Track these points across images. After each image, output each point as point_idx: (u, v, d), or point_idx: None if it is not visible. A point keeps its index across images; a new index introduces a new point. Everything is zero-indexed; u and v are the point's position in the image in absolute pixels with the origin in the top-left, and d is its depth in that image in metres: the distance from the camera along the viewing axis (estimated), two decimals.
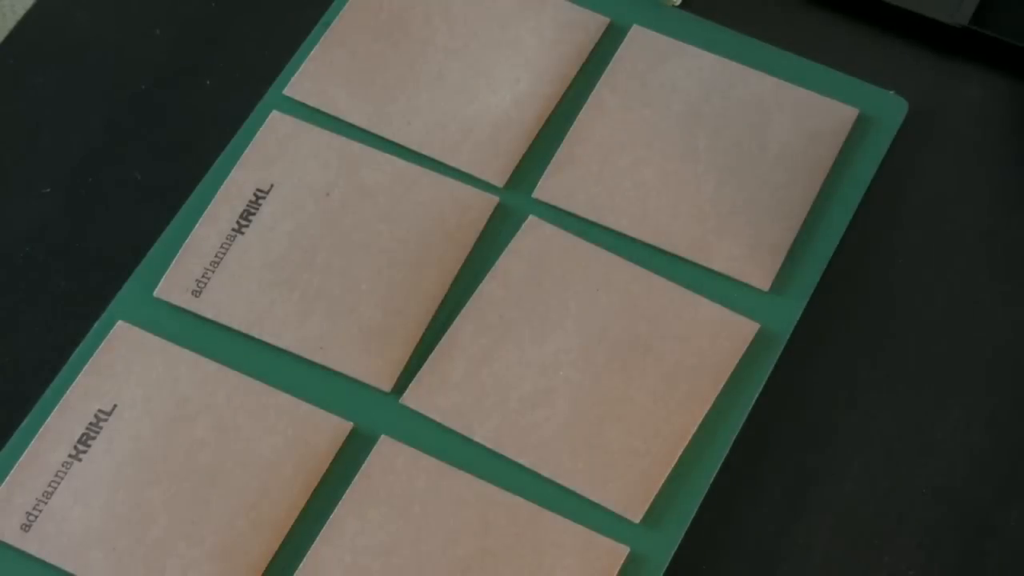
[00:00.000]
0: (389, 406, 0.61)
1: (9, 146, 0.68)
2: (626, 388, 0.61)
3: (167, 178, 0.66)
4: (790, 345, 0.62)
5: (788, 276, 0.63)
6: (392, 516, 0.59)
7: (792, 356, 0.62)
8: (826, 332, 0.63)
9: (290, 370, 0.62)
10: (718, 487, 0.60)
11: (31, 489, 0.60)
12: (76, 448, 0.60)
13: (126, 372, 0.62)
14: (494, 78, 0.68)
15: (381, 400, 0.62)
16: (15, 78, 0.69)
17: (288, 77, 0.68)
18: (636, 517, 0.59)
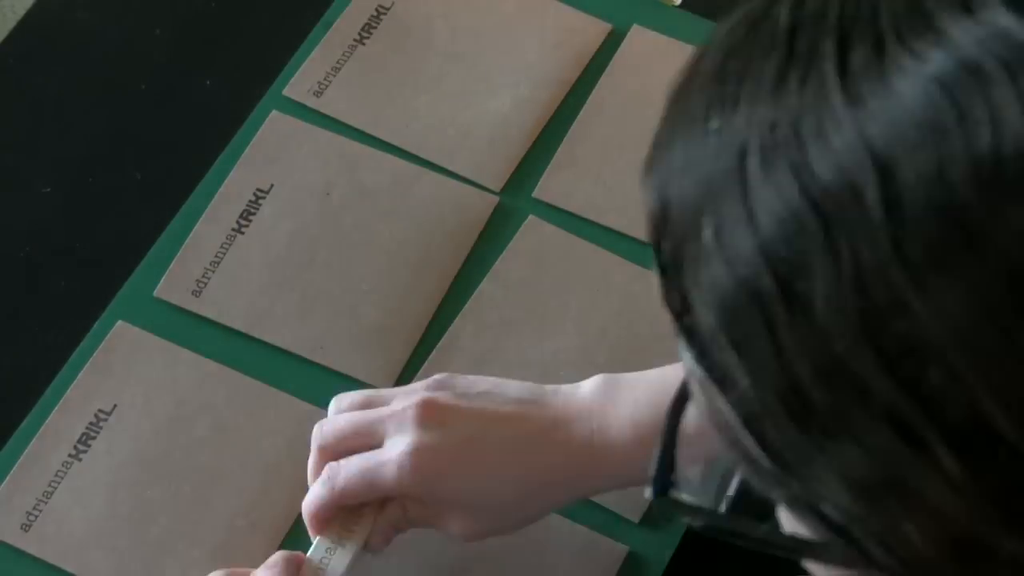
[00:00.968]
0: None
1: (9, 146, 0.67)
2: None
3: (167, 178, 0.66)
4: None
5: None
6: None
7: None
8: None
9: (290, 370, 0.62)
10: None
11: (31, 489, 0.59)
12: (76, 448, 0.60)
13: (126, 372, 0.62)
14: (494, 82, 0.68)
15: None
16: (15, 78, 0.69)
17: (288, 77, 0.68)
18: (635, 517, 0.59)
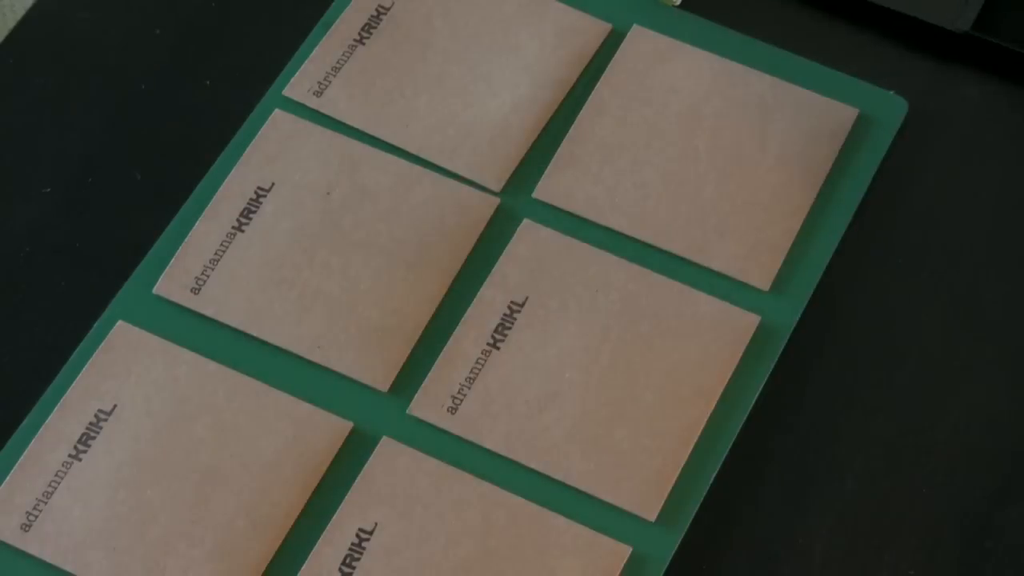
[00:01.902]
0: (389, 408, 0.61)
1: (9, 146, 0.67)
2: (632, 387, 0.61)
3: (167, 178, 0.66)
4: (790, 345, 0.62)
5: (788, 276, 0.64)
6: (393, 517, 0.59)
7: (792, 356, 0.62)
8: (826, 332, 0.63)
9: (289, 369, 0.62)
10: (718, 487, 0.60)
11: (31, 489, 0.59)
12: (76, 448, 0.60)
13: (126, 372, 0.62)
14: (494, 82, 0.68)
15: (380, 400, 0.61)
16: (15, 78, 0.69)
17: (288, 77, 0.68)
18: (651, 515, 0.59)
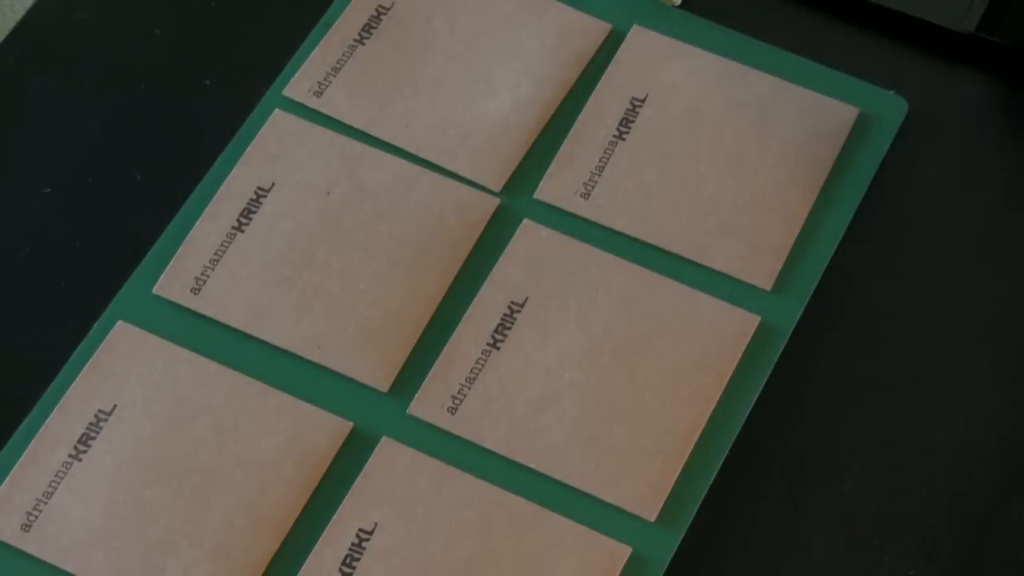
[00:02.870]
0: (389, 408, 0.61)
1: (9, 146, 0.67)
2: (632, 387, 0.61)
3: (167, 178, 0.66)
4: (791, 344, 0.62)
5: (789, 276, 0.63)
6: (394, 517, 0.59)
7: (792, 356, 0.62)
8: (826, 332, 0.63)
9: (289, 369, 0.62)
10: (718, 487, 0.60)
11: (31, 489, 0.59)
12: (76, 448, 0.60)
13: (126, 372, 0.62)
14: (494, 82, 0.68)
15: (379, 400, 0.61)
16: (15, 78, 0.69)
17: (288, 77, 0.68)
18: (652, 516, 0.59)
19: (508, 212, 0.65)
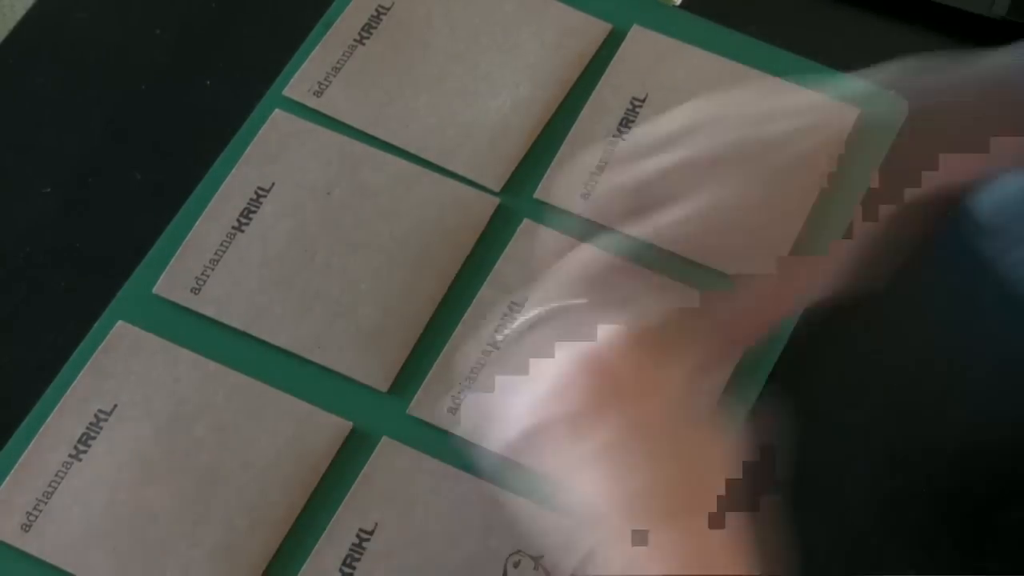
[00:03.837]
0: (389, 408, 0.61)
1: (9, 146, 0.67)
2: None
3: (167, 178, 0.66)
4: (790, 344, 0.62)
5: None
6: (393, 517, 0.59)
7: (792, 355, 0.62)
8: (826, 331, 0.63)
9: (288, 369, 0.62)
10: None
11: (31, 489, 0.59)
12: (76, 448, 0.60)
13: (126, 372, 0.62)
14: (494, 82, 0.68)
15: (379, 400, 0.62)
16: (15, 78, 0.69)
17: (288, 77, 0.68)
18: None
19: (508, 212, 0.65)
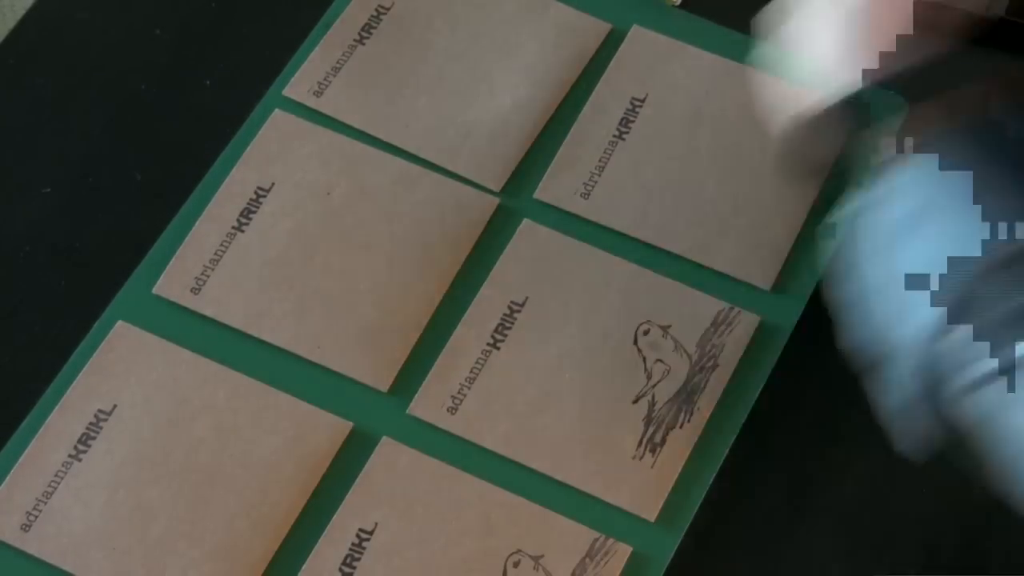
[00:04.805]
0: (390, 408, 0.61)
1: (9, 146, 0.67)
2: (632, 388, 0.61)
3: (167, 178, 0.66)
4: (790, 344, 0.62)
5: (789, 275, 0.63)
6: (393, 517, 0.59)
7: (792, 355, 0.62)
8: (826, 331, 0.63)
9: (288, 369, 0.62)
10: (718, 487, 0.60)
11: (31, 489, 0.59)
12: (76, 448, 0.60)
13: (126, 372, 0.62)
14: (494, 82, 0.68)
15: (379, 400, 0.61)
16: (15, 78, 0.69)
17: (288, 77, 0.68)
18: (651, 516, 0.59)
19: (508, 212, 0.65)
